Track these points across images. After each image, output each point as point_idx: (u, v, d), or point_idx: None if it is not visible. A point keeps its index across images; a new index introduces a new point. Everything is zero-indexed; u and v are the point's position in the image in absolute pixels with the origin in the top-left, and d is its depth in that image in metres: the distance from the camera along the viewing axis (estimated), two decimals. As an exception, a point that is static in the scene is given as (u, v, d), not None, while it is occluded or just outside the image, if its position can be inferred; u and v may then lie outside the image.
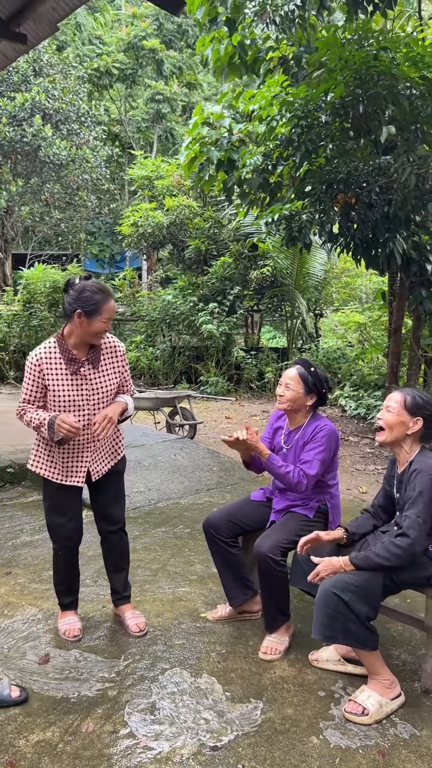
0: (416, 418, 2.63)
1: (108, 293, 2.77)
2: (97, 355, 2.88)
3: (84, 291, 2.72)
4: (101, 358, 2.89)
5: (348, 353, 11.30)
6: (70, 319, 2.76)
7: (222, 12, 6.77)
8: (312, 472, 2.95)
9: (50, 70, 16.52)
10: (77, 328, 2.75)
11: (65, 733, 2.36)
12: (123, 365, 3.01)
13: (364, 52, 5.35)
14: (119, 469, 3.11)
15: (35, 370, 2.78)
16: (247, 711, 2.50)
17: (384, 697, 2.51)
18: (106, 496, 3.07)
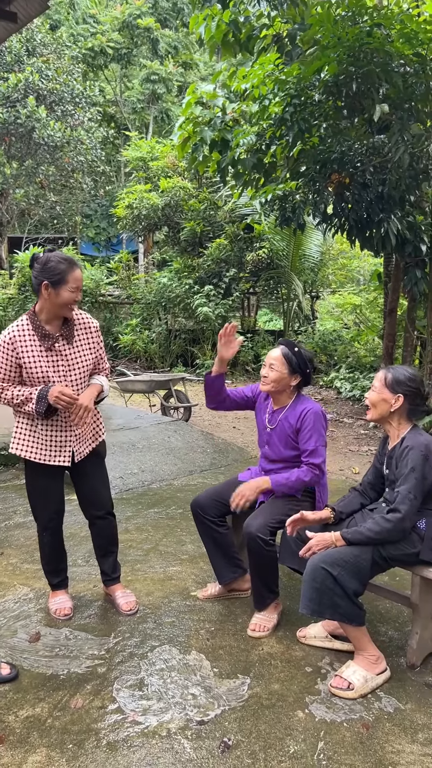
0: (397, 395, 2.64)
1: (73, 263, 2.75)
2: (71, 331, 2.86)
3: (48, 262, 2.71)
4: (75, 333, 2.88)
5: (344, 335, 11.30)
6: (39, 294, 2.76)
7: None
8: (318, 460, 2.97)
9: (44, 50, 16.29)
10: (46, 301, 2.75)
11: (54, 708, 2.39)
12: (98, 342, 2.99)
13: (358, 29, 5.29)
14: (100, 451, 3.09)
15: (8, 349, 2.75)
16: (234, 686, 2.53)
17: (369, 672, 2.54)
18: (92, 480, 3.05)
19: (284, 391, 3.09)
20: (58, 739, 2.23)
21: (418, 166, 5.99)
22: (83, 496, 3.08)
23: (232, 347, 3.14)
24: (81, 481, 3.05)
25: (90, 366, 2.94)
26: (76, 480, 3.06)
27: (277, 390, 3.07)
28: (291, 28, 6.59)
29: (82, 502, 3.10)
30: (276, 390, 3.07)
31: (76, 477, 3.05)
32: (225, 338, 3.11)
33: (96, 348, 2.98)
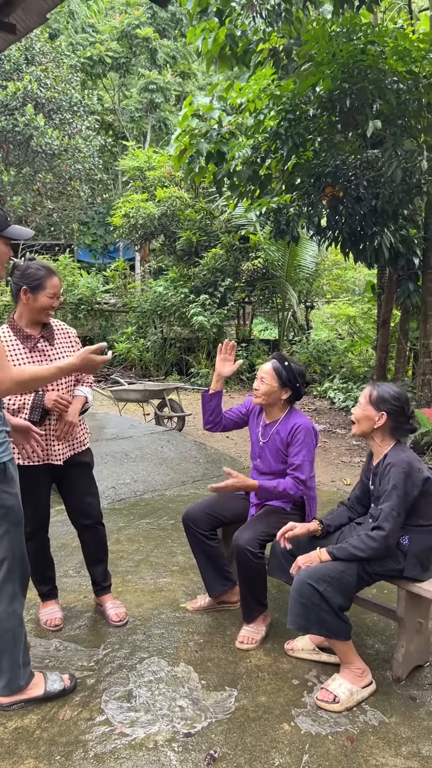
0: (381, 413, 2.67)
1: (51, 270, 2.87)
2: (51, 333, 2.96)
3: (28, 269, 2.84)
4: (55, 336, 2.98)
5: (338, 345, 11.37)
6: (18, 299, 2.86)
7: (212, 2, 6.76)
8: (303, 476, 3.01)
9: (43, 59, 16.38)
10: (25, 306, 2.85)
11: (43, 720, 2.41)
12: (78, 348, 3.05)
13: (352, 46, 5.37)
14: (87, 461, 3.12)
15: None
16: (221, 699, 2.56)
17: (355, 685, 2.57)
18: (79, 488, 3.08)
19: (276, 404, 3.13)
20: (46, 750, 2.25)
21: (411, 180, 6.07)
22: (72, 506, 3.11)
23: (230, 365, 3.18)
24: (69, 491, 3.08)
25: None
26: (65, 490, 3.08)
27: (269, 403, 3.12)
28: (287, 43, 6.67)
29: (71, 512, 3.13)
30: (267, 403, 3.12)
31: (64, 487, 3.07)
32: (223, 355, 3.15)
33: (76, 350, 3.02)
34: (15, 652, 2.40)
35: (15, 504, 2.34)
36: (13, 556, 2.35)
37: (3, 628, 2.36)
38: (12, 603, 2.37)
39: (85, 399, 3.04)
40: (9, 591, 2.36)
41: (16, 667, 2.41)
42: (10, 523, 2.32)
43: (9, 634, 2.37)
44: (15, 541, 2.35)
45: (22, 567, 2.41)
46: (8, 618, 2.36)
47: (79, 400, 3.00)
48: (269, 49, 6.93)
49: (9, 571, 2.35)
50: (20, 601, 2.42)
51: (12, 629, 2.37)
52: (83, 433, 3.11)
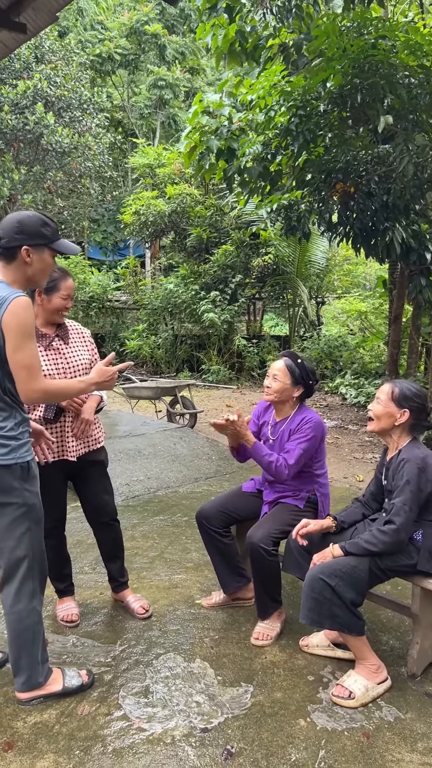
0: (403, 410, 2.69)
1: (66, 272, 2.93)
2: (66, 332, 3.02)
3: None
4: (69, 335, 3.03)
5: (349, 341, 11.34)
6: (33, 301, 2.90)
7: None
8: (291, 461, 3.00)
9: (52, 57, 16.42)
10: (39, 307, 2.91)
11: (61, 715, 2.44)
12: (92, 348, 3.14)
13: (363, 41, 5.34)
14: (102, 459, 3.16)
15: None
16: (237, 694, 2.58)
17: (370, 681, 2.59)
18: (95, 487, 3.12)
19: (287, 401, 3.14)
20: (66, 745, 2.28)
21: (423, 175, 6.04)
22: (88, 503, 3.15)
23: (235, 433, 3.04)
24: (85, 489, 3.12)
25: (87, 367, 3.02)
26: (81, 488, 3.12)
27: (280, 400, 3.13)
28: (297, 38, 6.65)
29: (87, 509, 3.17)
30: (279, 400, 3.13)
31: (80, 485, 3.12)
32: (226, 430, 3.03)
33: (91, 352, 3.11)
34: (34, 649, 2.43)
35: (37, 502, 2.38)
36: (33, 553, 2.38)
37: (23, 626, 2.39)
38: (32, 600, 2.40)
39: (99, 398, 3.08)
40: (29, 588, 2.39)
41: (35, 664, 2.44)
42: (32, 521, 2.36)
43: (29, 631, 2.40)
44: (35, 538, 2.39)
45: (42, 564, 2.45)
46: (28, 615, 2.40)
47: (94, 398, 3.03)
48: (279, 45, 6.91)
49: (29, 569, 2.38)
50: (39, 598, 2.45)
51: (32, 627, 2.41)
52: (98, 431, 3.15)
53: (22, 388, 2.25)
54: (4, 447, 2.27)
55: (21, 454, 2.31)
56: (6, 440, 2.28)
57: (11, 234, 2.30)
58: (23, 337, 2.21)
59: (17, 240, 2.30)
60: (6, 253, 2.32)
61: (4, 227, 2.31)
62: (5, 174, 14.69)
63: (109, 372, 2.53)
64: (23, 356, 2.22)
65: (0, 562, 2.39)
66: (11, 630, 2.41)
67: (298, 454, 3.02)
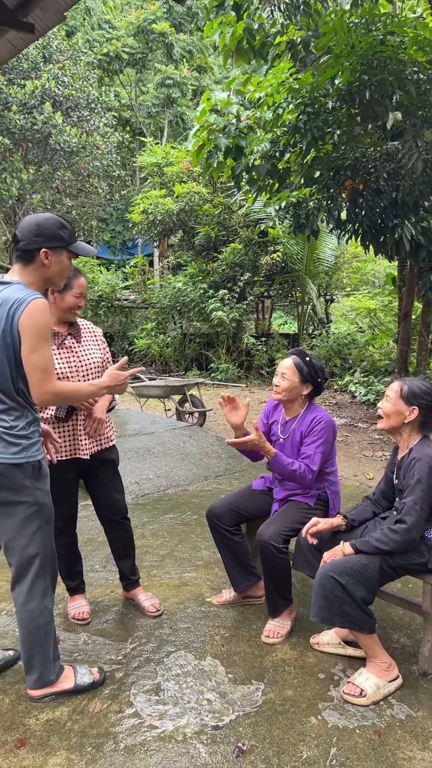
0: (412, 407, 2.68)
1: (78, 271, 2.93)
2: (78, 331, 3.03)
3: None
4: (82, 334, 3.05)
5: (358, 339, 11.31)
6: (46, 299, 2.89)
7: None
8: (315, 467, 3.02)
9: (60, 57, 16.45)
10: (52, 305, 2.91)
11: (73, 712, 2.45)
12: (104, 347, 3.16)
13: (371, 37, 5.33)
14: (113, 457, 3.17)
15: None
16: (248, 692, 2.59)
17: (381, 679, 2.58)
18: (106, 486, 3.14)
19: (296, 400, 3.14)
20: (78, 742, 2.29)
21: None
22: (99, 502, 3.16)
23: (239, 412, 3.10)
24: (96, 487, 3.14)
25: (99, 365, 3.04)
26: (92, 487, 3.14)
27: (289, 399, 3.13)
28: (305, 35, 6.64)
29: (98, 508, 3.19)
30: (288, 399, 3.13)
31: (91, 483, 3.13)
32: (227, 406, 3.10)
33: (103, 351, 3.13)
34: (46, 647, 2.45)
35: (48, 501, 2.39)
36: (45, 552, 2.40)
37: (35, 624, 2.40)
38: (44, 599, 2.42)
39: (111, 397, 3.09)
40: (41, 587, 2.40)
41: (48, 662, 2.46)
42: (43, 519, 2.37)
43: (41, 630, 2.41)
44: (46, 537, 2.40)
45: (53, 563, 2.46)
46: (40, 614, 2.41)
47: (105, 397, 3.04)
48: (287, 42, 6.90)
49: (41, 567, 2.39)
50: (50, 597, 2.47)
51: (44, 625, 2.42)
52: (110, 430, 3.16)
53: (36, 390, 2.26)
54: (16, 446, 2.29)
55: (32, 453, 2.32)
56: (18, 439, 2.29)
57: (30, 237, 2.31)
58: (40, 338, 2.23)
59: (36, 243, 2.32)
60: (24, 256, 2.34)
61: (23, 230, 2.32)
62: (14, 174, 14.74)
63: (121, 376, 2.54)
64: (39, 358, 2.23)
65: (11, 561, 2.40)
66: (23, 628, 2.43)
67: (319, 458, 3.03)
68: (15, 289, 2.27)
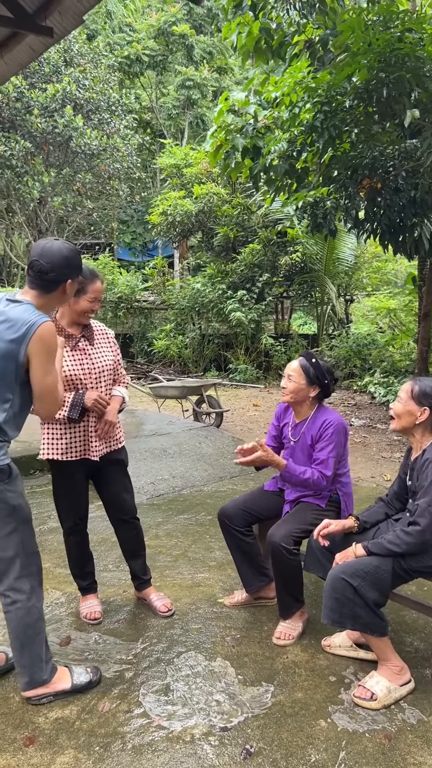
0: (423, 407, 2.64)
1: (95, 275, 2.93)
2: (91, 333, 3.04)
3: None
4: (95, 336, 3.05)
5: (378, 339, 11.21)
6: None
7: (247, -4, 6.72)
8: (328, 472, 3.00)
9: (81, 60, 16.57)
10: (66, 308, 2.93)
11: (82, 711, 2.46)
12: (115, 350, 3.16)
13: (389, 35, 5.27)
14: (122, 458, 3.16)
15: None
16: (258, 694, 2.57)
17: (393, 683, 2.55)
18: (116, 487, 3.14)
19: (304, 401, 3.11)
20: (86, 741, 2.30)
21: (451, 170, 5.94)
22: (108, 502, 3.17)
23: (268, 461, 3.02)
24: (105, 488, 3.14)
25: (111, 368, 3.05)
26: (101, 487, 3.14)
27: (297, 401, 3.11)
28: (323, 34, 6.59)
29: (108, 508, 3.20)
30: (295, 401, 3.11)
31: (101, 484, 3.13)
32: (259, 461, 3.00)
33: (114, 353, 3.13)
34: (35, 647, 2.44)
35: (21, 502, 2.38)
36: (25, 552, 2.39)
37: (23, 624, 2.40)
38: (30, 598, 2.41)
39: (122, 399, 3.11)
40: (26, 587, 2.40)
41: (38, 662, 2.45)
42: (19, 520, 2.37)
43: (30, 629, 2.41)
44: (25, 537, 2.39)
45: (36, 562, 2.45)
46: (27, 613, 2.40)
47: (116, 400, 3.06)
48: (305, 41, 6.86)
49: (23, 567, 2.39)
50: (37, 595, 2.46)
51: (32, 624, 2.41)
52: (119, 432, 3.16)
53: (48, 409, 2.36)
54: None
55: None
56: None
57: (60, 269, 2.37)
58: (50, 361, 2.32)
59: (65, 275, 2.40)
60: (48, 285, 2.39)
61: (53, 262, 2.35)
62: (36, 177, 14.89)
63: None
64: (52, 380, 2.33)
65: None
66: (12, 629, 2.43)
67: (332, 462, 3.01)
68: (25, 309, 2.31)
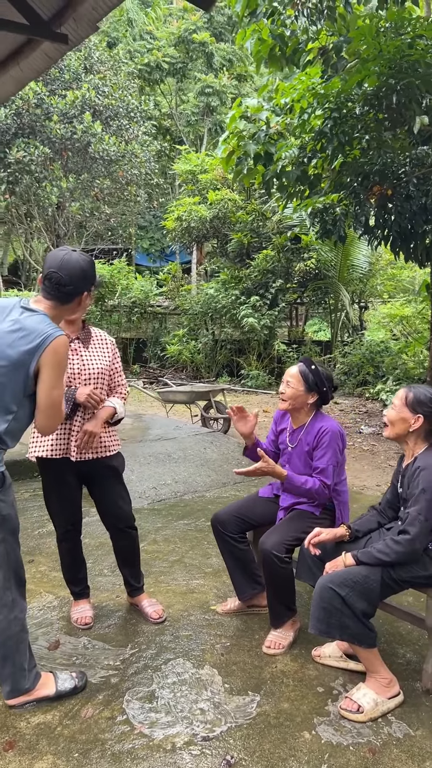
0: (417, 415, 2.60)
1: None
2: (87, 337, 3.02)
3: None
4: (91, 340, 3.03)
5: (392, 346, 11.12)
6: None
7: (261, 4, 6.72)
8: (329, 480, 2.97)
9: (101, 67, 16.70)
10: None
11: (65, 717, 2.45)
12: (113, 356, 3.10)
13: (399, 41, 5.25)
14: (114, 465, 3.10)
15: None
16: (243, 703, 2.54)
17: (380, 695, 2.50)
18: (109, 495, 3.09)
19: (302, 408, 3.08)
20: (65, 747, 2.28)
21: (462, 177, 5.88)
22: (103, 510, 3.12)
23: (248, 422, 3.10)
24: (99, 496, 3.10)
25: (104, 373, 3.00)
26: (94, 493, 3.11)
27: (294, 407, 3.07)
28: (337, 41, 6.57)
29: (103, 515, 3.15)
30: (293, 407, 3.07)
31: (94, 491, 3.10)
32: (236, 416, 3.10)
33: (111, 359, 3.07)
34: (18, 657, 2.42)
35: (11, 513, 2.35)
36: (8, 564, 2.36)
37: (6, 636, 2.38)
38: (12, 610, 2.38)
39: (113, 410, 2.99)
40: (8, 599, 2.38)
41: (21, 671, 2.43)
42: (6, 531, 2.34)
43: (11, 640, 2.39)
44: (9, 548, 2.36)
45: (19, 573, 2.42)
46: (9, 625, 2.37)
47: (106, 410, 2.96)
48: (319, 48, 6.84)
49: (6, 579, 2.36)
50: (20, 606, 2.42)
51: (14, 636, 2.39)
52: (110, 440, 3.08)
53: (49, 423, 2.36)
54: None
55: None
56: None
57: (78, 282, 2.41)
58: (60, 376, 2.32)
59: (83, 288, 2.45)
60: (66, 298, 2.41)
61: (72, 275, 2.38)
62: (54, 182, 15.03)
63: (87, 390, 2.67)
64: (59, 394, 2.33)
65: None
66: None
67: (331, 470, 2.98)
68: (41, 320, 2.32)
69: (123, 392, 3.14)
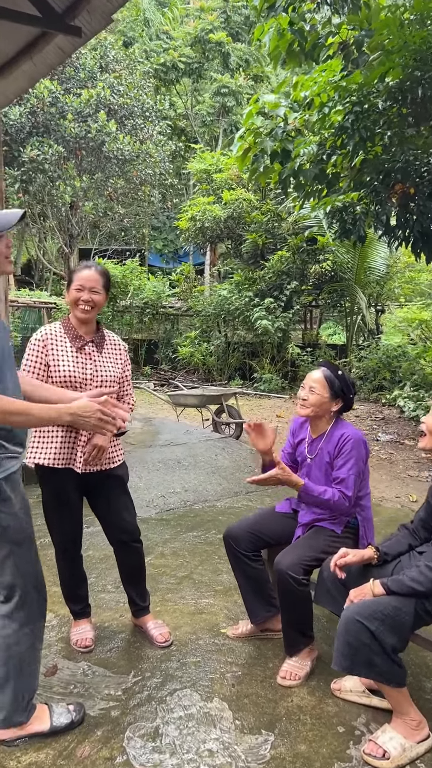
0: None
1: (86, 265, 2.81)
2: (102, 340, 2.87)
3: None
4: (105, 345, 2.88)
5: (410, 351, 10.83)
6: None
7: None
8: (350, 492, 2.73)
9: (116, 66, 16.56)
10: (68, 304, 2.85)
11: (59, 756, 2.22)
12: (125, 363, 2.95)
13: (425, 32, 5.01)
14: (119, 474, 2.90)
15: (39, 345, 2.75)
16: (256, 744, 2.30)
17: (408, 739, 2.25)
18: (114, 505, 2.87)
19: (324, 416, 2.84)
20: (58, 792, 2.05)
21: None
22: (107, 522, 2.90)
23: (266, 439, 2.85)
24: (102, 506, 2.88)
25: (115, 379, 2.82)
26: (97, 505, 2.89)
27: (317, 415, 2.83)
28: (358, 35, 6.34)
29: (107, 528, 2.93)
30: (315, 415, 2.83)
31: (96, 502, 2.88)
32: (253, 432, 2.88)
33: (123, 366, 2.92)
34: (20, 682, 2.19)
35: (13, 523, 2.13)
36: (24, 579, 2.16)
37: (9, 654, 2.16)
38: (22, 627, 2.18)
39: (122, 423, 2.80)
40: (20, 615, 2.17)
41: (18, 700, 2.21)
42: (12, 543, 2.13)
43: (14, 660, 2.17)
44: (22, 561, 2.16)
45: (38, 588, 2.22)
46: (17, 642, 2.16)
47: None
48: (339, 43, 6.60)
49: (21, 596, 2.16)
50: (33, 625, 2.20)
51: (18, 655, 2.17)
52: (114, 452, 2.88)
53: None
54: None
55: None
56: None
57: None
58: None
59: None
60: None
61: None
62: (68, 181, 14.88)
63: (93, 407, 2.15)
64: None
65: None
66: None
67: (353, 480, 2.73)
68: None
69: (131, 402, 2.96)
